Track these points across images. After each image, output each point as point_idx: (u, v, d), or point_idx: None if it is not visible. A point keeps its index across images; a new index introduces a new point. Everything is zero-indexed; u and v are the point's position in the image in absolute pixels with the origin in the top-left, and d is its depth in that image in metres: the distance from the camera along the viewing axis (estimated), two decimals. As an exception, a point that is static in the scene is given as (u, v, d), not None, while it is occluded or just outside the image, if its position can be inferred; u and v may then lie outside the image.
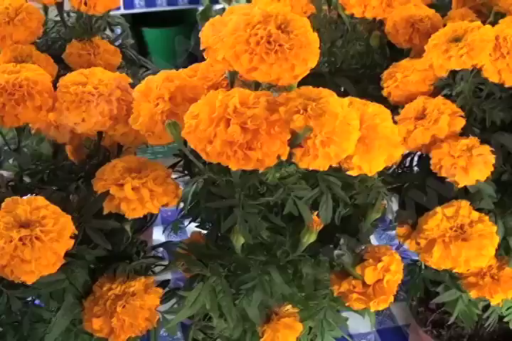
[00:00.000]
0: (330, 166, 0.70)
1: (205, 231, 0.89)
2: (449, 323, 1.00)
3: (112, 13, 2.50)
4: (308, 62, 0.66)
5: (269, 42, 0.65)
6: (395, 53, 1.07)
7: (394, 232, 0.93)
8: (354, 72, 1.07)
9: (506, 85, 0.86)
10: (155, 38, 2.74)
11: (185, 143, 0.68)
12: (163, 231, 1.03)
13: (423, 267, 0.97)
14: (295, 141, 0.66)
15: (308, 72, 0.68)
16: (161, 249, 0.89)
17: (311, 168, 0.67)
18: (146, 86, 0.77)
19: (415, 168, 1.03)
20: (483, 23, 1.12)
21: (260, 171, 0.65)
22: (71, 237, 0.71)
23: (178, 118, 0.70)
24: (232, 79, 0.75)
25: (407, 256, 0.94)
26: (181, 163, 0.87)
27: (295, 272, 0.87)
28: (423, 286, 1.05)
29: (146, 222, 1.35)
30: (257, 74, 0.65)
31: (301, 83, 1.04)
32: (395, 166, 1.05)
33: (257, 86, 0.72)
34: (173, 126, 0.68)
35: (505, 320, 1.05)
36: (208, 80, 0.82)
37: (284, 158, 0.64)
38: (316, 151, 0.66)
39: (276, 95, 0.67)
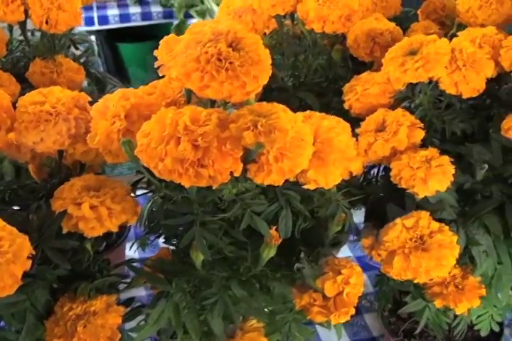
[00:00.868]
0: (287, 180, 0.71)
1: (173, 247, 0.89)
2: (415, 332, 1.00)
3: (85, 28, 2.53)
4: (259, 79, 0.67)
5: (219, 60, 0.65)
6: (359, 66, 1.08)
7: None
8: (318, 85, 1.08)
9: (464, 96, 0.88)
10: (131, 53, 2.76)
11: (140, 160, 0.68)
12: (130, 248, 1.02)
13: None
14: (248, 157, 0.66)
15: (260, 88, 0.68)
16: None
17: (266, 183, 0.68)
18: (102, 104, 0.77)
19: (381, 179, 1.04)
20: (446, 34, 1.15)
21: (214, 187, 0.65)
22: (29, 258, 0.71)
23: (134, 137, 0.70)
24: (189, 96, 0.75)
25: (379, 266, 0.95)
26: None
27: (261, 286, 0.87)
28: (392, 296, 1.07)
29: (117, 239, 1.35)
30: (208, 92, 0.66)
31: (265, 98, 1.06)
32: (361, 177, 1.06)
33: (212, 103, 0.73)
34: (127, 145, 0.69)
35: (476, 328, 1.06)
36: (166, 97, 0.82)
37: (237, 174, 0.65)
38: (270, 166, 0.66)
39: (234, 111, 0.68)
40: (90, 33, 2.68)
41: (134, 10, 2.57)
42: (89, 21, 2.55)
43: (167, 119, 0.63)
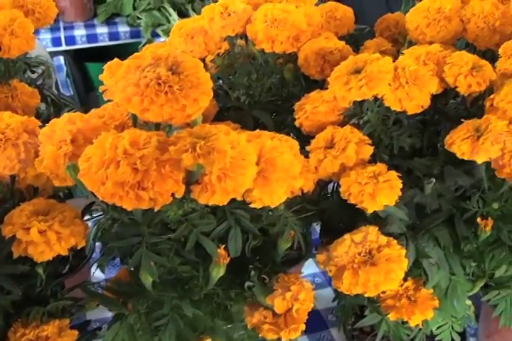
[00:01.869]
0: (234, 199, 0.72)
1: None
2: (374, 345, 1.01)
3: (53, 49, 2.54)
4: (199, 101, 0.68)
5: (158, 84, 0.66)
6: (312, 84, 1.10)
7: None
8: (272, 104, 1.10)
9: (409, 113, 0.90)
10: (99, 72, 2.75)
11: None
12: (90, 268, 1.03)
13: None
14: (191, 178, 0.67)
15: (202, 110, 0.70)
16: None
17: (210, 204, 0.69)
18: (50, 129, 0.78)
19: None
20: (398, 51, 1.17)
21: (156, 209, 0.66)
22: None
23: (80, 161, 0.71)
24: (135, 119, 0.76)
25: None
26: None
27: (218, 304, 0.88)
28: (353, 310, 1.08)
29: (81, 260, 1.34)
30: (149, 115, 0.67)
31: (221, 117, 1.07)
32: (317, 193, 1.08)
33: (157, 125, 0.74)
34: (72, 169, 0.69)
35: (437, 338, 1.08)
36: (115, 120, 0.83)
37: (178, 195, 0.66)
38: (213, 187, 0.67)
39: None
40: (58, 53, 2.69)
41: (101, 30, 2.58)
42: (56, 42, 2.56)
43: (107, 144, 0.64)
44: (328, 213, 1.01)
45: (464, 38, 1.11)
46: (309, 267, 1.45)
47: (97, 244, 1.14)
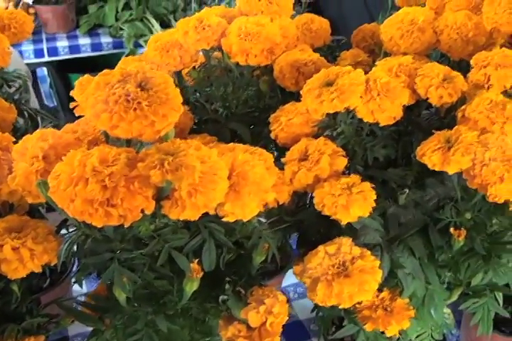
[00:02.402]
0: (207, 213, 0.72)
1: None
2: (352, 356, 1.01)
3: (36, 60, 2.53)
4: (168, 117, 0.68)
5: (127, 101, 0.67)
6: (288, 96, 1.11)
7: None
8: (249, 115, 1.11)
9: (381, 124, 0.91)
10: (83, 83, 2.76)
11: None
12: (71, 282, 1.02)
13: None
14: (161, 194, 0.68)
15: (171, 126, 0.70)
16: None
17: (181, 219, 0.69)
18: (22, 145, 0.78)
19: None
20: (374, 61, 1.18)
21: (126, 226, 0.66)
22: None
23: (52, 177, 0.71)
24: (106, 135, 0.77)
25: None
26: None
27: (196, 318, 0.88)
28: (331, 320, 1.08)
29: (63, 273, 1.34)
30: (118, 132, 0.67)
31: (199, 129, 1.08)
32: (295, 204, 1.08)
33: (128, 141, 0.74)
34: (42, 186, 0.69)
35: (417, 347, 1.08)
36: (88, 135, 0.83)
37: (148, 212, 0.66)
38: (184, 202, 0.68)
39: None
40: (42, 64, 2.69)
41: (84, 41, 2.59)
42: (39, 53, 2.56)
43: (75, 161, 0.64)
44: (305, 224, 1.01)
45: (438, 48, 1.12)
46: (291, 277, 1.45)
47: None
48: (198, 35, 1.00)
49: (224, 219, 0.75)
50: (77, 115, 0.76)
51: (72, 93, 0.77)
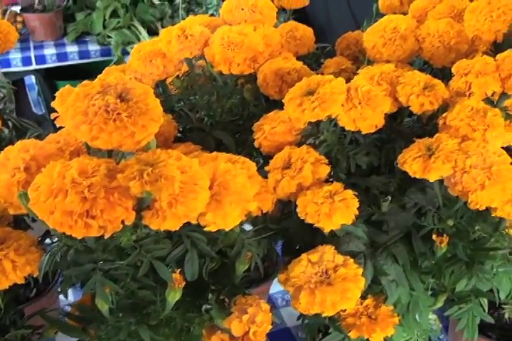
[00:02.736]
0: (188, 223, 0.72)
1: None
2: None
3: (24, 68, 2.53)
4: (148, 128, 0.68)
5: (107, 112, 0.67)
6: (273, 104, 1.11)
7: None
8: (233, 124, 1.11)
9: (363, 132, 0.91)
10: (71, 91, 2.75)
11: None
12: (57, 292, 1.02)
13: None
14: (142, 204, 0.68)
15: (151, 136, 0.70)
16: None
17: (162, 229, 0.69)
18: (4, 156, 0.78)
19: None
20: (358, 69, 1.19)
21: (106, 237, 0.66)
22: None
23: (33, 188, 0.71)
24: (87, 145, 0.76)
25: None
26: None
27: (181, 328, 0.88)
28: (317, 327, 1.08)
29: (48, 284, 1.33)
30: (98, 143, 0.67)
31: (184, 138, 1.08)
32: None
33: (109, 151, 0.74)
34: (23, 197, 0.69)
35: (404, 354, 1.08)
36: (70, 145, 0.83)
37: (128, 222, 0.66)
38: (164, 213, 0.68)
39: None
40: (30, 72, 2.69)
41: (72, 49, 2.59)
42: (26, 61, 2.56)
43: (54, 173, 0.64)
44: (290, 232, 1.02)
45: (421, 56, 1.13)
46: (279, 284, 1.45)
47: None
48: (181, 44, 1.01)
49: (206, 229, 0.75)
50: (58, 126, 0.76)
51: (52, 104, 0.77)
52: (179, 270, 0.76)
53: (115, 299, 0.79)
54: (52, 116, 0.75)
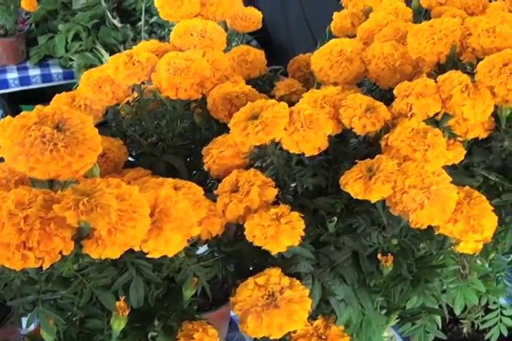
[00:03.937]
0: (132, 250, 0.73)
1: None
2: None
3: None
4: (86, 157, 0.69)
5: (43, 143, 0.67)
6: (225, 128, 1.12)
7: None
8: (184, 148, 1.12)
9: (306, 155, 0.93)
10: (34, 115, 2.74)
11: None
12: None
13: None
14: (81, 233, 0.68)
15: (90, 166, 0.71)
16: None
17: (103, 257, 0.70)
18: None
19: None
20: (308, 90, 1.21)
21: (44, 268, 0.66)
22: None
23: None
24: (30, 175, 0.77)
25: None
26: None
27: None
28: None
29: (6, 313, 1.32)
30: (36, 174, 0.68)
31: (136, 163, 1.08)
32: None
33: (50, 181, 0.74)
34: (-38, 229, 0.69)
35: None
36: (15, 175, 0.83)
37: (66, 253, 0.66)
38: (104, 241, 0.68)
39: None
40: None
41: (34, 72, 2.58)
42: (-11, 86, 2.55)
43: (-10, 205, 0.64)
44: (242, 254, 1.02)
45: (367, 78, 1.16)
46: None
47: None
48: (128, 70, 1.02)
49: (149, 256, 0.76)
50: None
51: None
52: (123, 298, 0.76)
53: (62, 329, 0.78)
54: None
